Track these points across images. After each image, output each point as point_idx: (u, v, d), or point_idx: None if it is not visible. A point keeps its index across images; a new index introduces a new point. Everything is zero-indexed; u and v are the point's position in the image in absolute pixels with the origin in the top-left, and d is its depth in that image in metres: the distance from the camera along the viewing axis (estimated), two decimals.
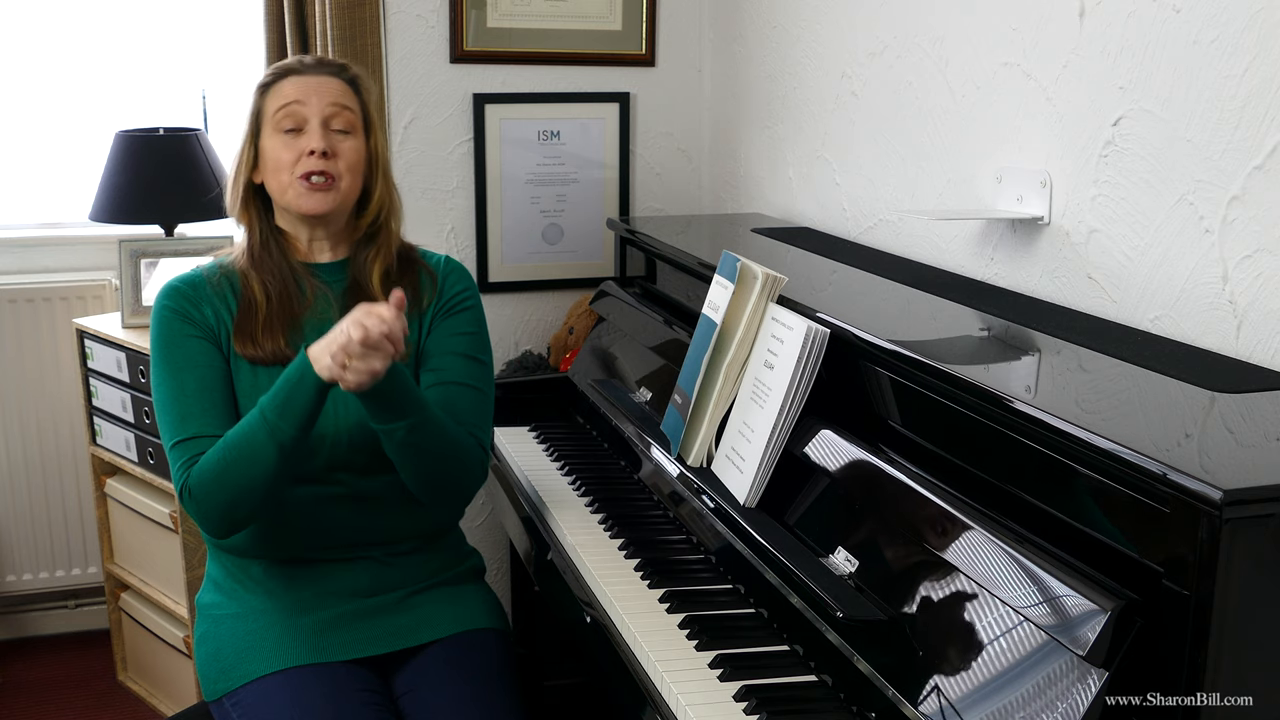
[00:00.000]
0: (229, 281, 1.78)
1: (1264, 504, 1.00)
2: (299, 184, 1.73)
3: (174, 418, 1.69)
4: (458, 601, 1.82)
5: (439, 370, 1.80)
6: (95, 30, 3.03)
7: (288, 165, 1.74)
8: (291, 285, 1.77)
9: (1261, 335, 1.41)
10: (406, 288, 1.78)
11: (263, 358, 1.73)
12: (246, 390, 1.73)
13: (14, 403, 2.96)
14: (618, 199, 2.91)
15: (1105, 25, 1.63)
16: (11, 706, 2.81)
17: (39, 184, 3.05)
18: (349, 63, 1.86)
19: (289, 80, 1.77)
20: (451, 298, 1.85)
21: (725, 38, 2.82)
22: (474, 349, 1.83)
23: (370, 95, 1.82)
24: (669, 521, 1.90)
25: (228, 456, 1.62)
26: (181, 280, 1.78)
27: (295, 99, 1.74)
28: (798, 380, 1.58)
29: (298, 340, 1.74)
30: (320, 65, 1.80)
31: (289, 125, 1.74)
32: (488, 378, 1.84)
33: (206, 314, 1.74)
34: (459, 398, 1.78)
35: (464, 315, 1.84)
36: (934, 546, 1.31)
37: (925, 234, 2.08)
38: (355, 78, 1.81)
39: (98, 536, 2.88)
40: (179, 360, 1.71)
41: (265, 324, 1.74)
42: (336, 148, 1.75)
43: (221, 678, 1.71)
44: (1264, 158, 1.40)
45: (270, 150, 1.75)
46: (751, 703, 1.36)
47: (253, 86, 1.80)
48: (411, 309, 1.79)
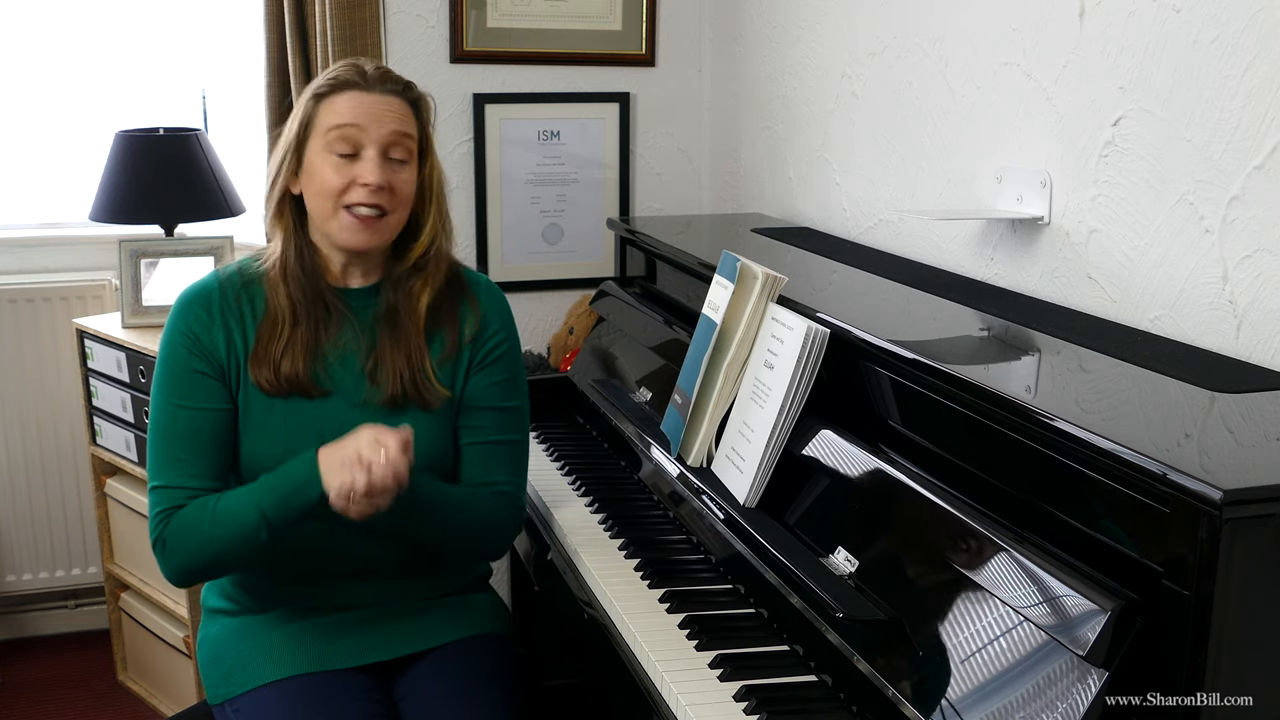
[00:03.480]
0: (249, 294, 1.68)
1: (1264, 504, 1.00)
2: (344, 215, 1.62)
3: (159, 457, 1.64)
4: (462, 608, 1.80)
5: (475, 429, 1.74)
6: (95, 30, 3.03)
7: (334, 192, 1.61)
8: (317, 307, 1.67)
9: (1261, 335, 1.41)
10: (448, 323, 1.72)
11: (278, 386, 1.64)
12: (258, 418, 1.65)
13: (14, 403, 2.96)
14: (618, 199, 2.91)
15: (1105, 25, 1.63)
16: (11, 706, 2.81)
17: (39, 184, 3.05)
18: (412, 82, 1.71)
19: (349, 95, 1.63)
20: (490, 349, 1.75)
21: (725, 38, 2.82)
22: (509, 396, 1.76)
23: (430, 118, 1.71)
24: (669, 521, 1.90)
25: (214, 531, 1.57)
26: (196, 295, 1.68)
27: (353, 121, 1.61)
28: (798, 380, 1.58)
29: (318, 368, 1.66)
30: (384, 81, 1.66)
31: (343, 150, 1.61)
32: (522, 424, 1.79)
33: (218, 340, 1.65)
34: (494, 457, 1.74)
35: (500, 364, 1.76)
36: (934, 546, 1.31)
37: (925, 234, 2.08)
38: (418, 99, 1.69)
39: (98, 536, 2.88)
40: (177, 393, 1.64)
41: (288, 345, 1.64)
42: (392, 180, 1.63)
43: (224, 683, 1.69)
44: (1264, 158, 1.40)
45: (317, 169, 1.62)
46: (751, 703, 1.36)
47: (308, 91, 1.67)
48: (449, 349, 1.72)
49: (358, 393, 1.68)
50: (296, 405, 1.66)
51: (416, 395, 1.68)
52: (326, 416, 1.66)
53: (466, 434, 1.74)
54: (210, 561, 1.61)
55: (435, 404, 1.70)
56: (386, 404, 1.67)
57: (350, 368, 1.69)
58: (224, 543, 1.58)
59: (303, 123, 1.65)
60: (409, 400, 1.68)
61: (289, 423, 1.66)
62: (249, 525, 1.56)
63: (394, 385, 1.67)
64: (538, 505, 2.03)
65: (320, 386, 1.66)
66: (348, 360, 1.69)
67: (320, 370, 1.67)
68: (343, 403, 1.67)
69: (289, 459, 1.58)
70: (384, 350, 1.68)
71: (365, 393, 1.68)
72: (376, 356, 1.68)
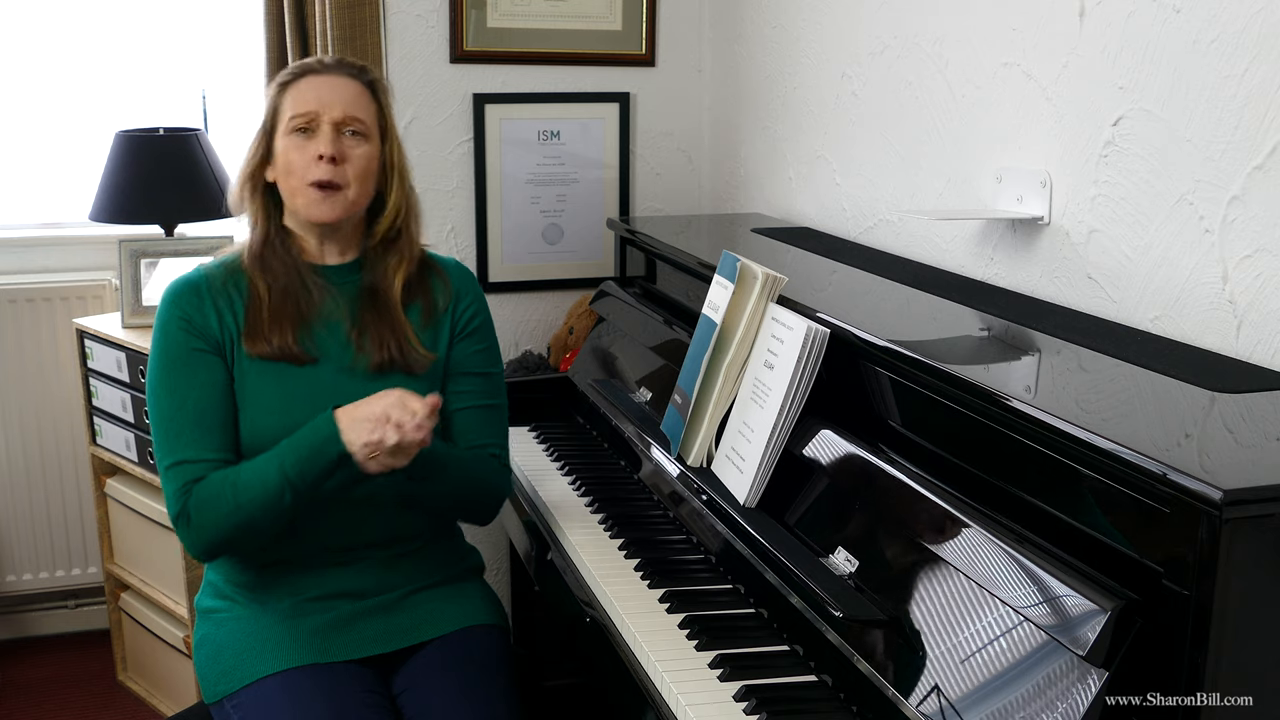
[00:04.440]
0: (234, 281, 1.76)
1: (1264, 504, 1.00)
2: (309, 191, 1.72)
3: (171, 436, 1.69)
4: (457, 599, 1.83)
5: (459, 394, 1.84)
6: (95, 30, 3.03)
7: (298, 170, 1.72)
8: (296, 284, 1.76)
9: (1261, 335, 1.41)
10: (421, 296, 1.82)
11: (271, 353, 1.72)
12: (253, 391, 1.72)
13: (14, 403, 2.96)
14: (618, 199, 2.91)
15: (1105, 25, 1.63)
16: (11, 706, 2.82)
17: (39, 184, 3.05)
18: (369, 65, 1.85)
19: (307, 79, 1.76)
20: (467, 321, 1.86)
21: (725, 38, 2.82)
22: (487, 364, 1.88)
23: (389, 99, 1.82)
24: (669, 521, 1.90)
25: (239, 499, 1.63)
26: (184, 283, 1.76)
27: (311, 102, 1.73)
28: (798, 380, 1.58)
29: (307, 338, 1.74)
30: (339, 65, 1.79)
31: (301, 125, 1.73)
32: (501, 388, 1.90)
33: (210, 320, 1.73)
34: (478, 420, 1.84)
35: (479, 333, 1.87)
36: (934, 546, 1.31)
37: (925, 234, 2.08)
38: (374, 81, 1.80)
39: (98, 536, 2.88)
40: (181, 374, 1.70)
41: (272, 319, 1.73)
42: (347, 153, 1.73)
43: (221, 680, 1.70)
44: (1264, 158, 1.40)
45: (282, 151, 1.74)
46: (751, 703, 1.36)
47: (275, 82, 1.79)
48: (426, 318, 1.82)
49: (345, 358, 1.76)
50: (287, 374, 1.73)
51: (402, 361, 1.77)
52: (319, 383, 1.74)
53: (455, 399, 1.84)
54: (236, 530, 1.65)
55: (420, 369, 1.79)
56: (374, 369, 1.76)
57: (337, 335, 1.77)
58: (250, 509, 1.63)
59: (270, 111, 1.78)
60: (395, 367, 1.77)
61: (283, 393, 1.72)
62: (272, 488, 1.62)
63: (380, 352, 1.76)
64: (538, 505, 2.03)
65: (309, 354, 1.74)
66: (334, 328, 1.77)
67: (308, 339, 1.75)
68: (331, 368, 1.75)
69: (287, 428, 1.66)
70: (367, 322, 1.78)
71: (353, 358, 1.76)
72: (360, 326, 1.77)
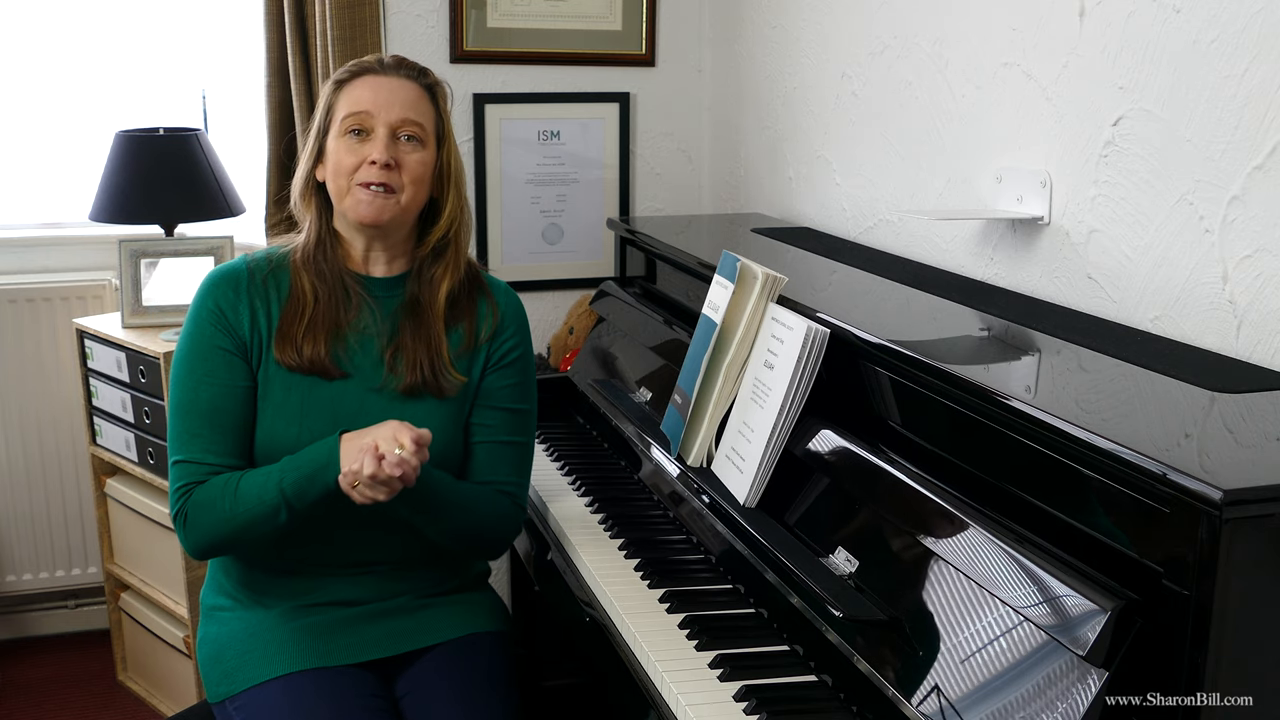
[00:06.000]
0: (275, 279, 1.73)
1: (1264, 504, 1.00)
2: (358, 190, 1.68)
3: (180, 433, 1.68)
4: (461, 605, 1.81)
5: (486, 428, 1.78)
6: (95, 30, 3.03)
7: (348, 171, 1.68)
8: (339, 292, 1.72)
9: (1261, 335, 1.41)
10: (466, 319, 1.77)
11: (300, 365, 1.68)
12: (275, 404, 1.69)
13: (14, 403, 2.96)
14: (618, 199, 2.91)
15: (1105, 25, 1.63)
16: (11, 706, 2.81)
17: (39, 184, 3.05)
18: (429, 69, 1.79)
19: (364, 79, 1.71)
20: (505, 352, 1.79)
21: (725, 38, 2.82)
22: (517, 399, 1.80)
23: (447, 105, 1.76)
24: (669, 521, 1.90)
25: (235, 510, 1.62)
26: (224, 274, 1.73)
27: (367, 103, 1.68)
28: (798, 380, 1.58)
29: (339, 349, 1.71)
30: (399, 66, 1.74)
31: (354, 125, 1.68)
32: (529, 426, 1.83)
33: (243, 317, 1.69)
34: (501, 457, 1.78)
35: (515, 366, 1.80)
36: (934, 546, 1.31)
37: (925, 234, 2.08)
38: (434, 84, 1.75)
39: (98, 536, 2.88)
40: (201, 368, 1.68)
41: (309, 326, 1.69)
42: (401, 159, 1.68)
43: (224, 680, 1.70)
44: (1264, 158, 1.40)
45: (333, 151, 1.70)
46: (751, 703, 1.36)
47: (331, 79, 1.75)
48: (466, 343, 1.77)
49: (375, 377, 1.72)
50: (315, 386, 1.69)
51: (434, 384, 1.72)
52: (343, 399, 1.70)
53: (478, 432, 1.78)
54: (230, 538, 1.65)
55: (451, 392, 1.73)
56: (404, 391, 1.71)
57: (369, 352, 1.73)
58: (245, 520, 1.62)
59: (324, 110, 1.73)
60: (426, 389, 1.72)
61: (306, 404, 1.69)
62: (270, 505, 1.61)
63: (413, 374, 1.71)
64: (538, 505, 2.03)
65: (340, 368, 1.70)
66: (367, 345, 1.73)
67: (340, 352, 1.71)
68: (360, 386, 1.71)
69: (304, 440, 1.64)
70: (404, 340, 1.73)
71: (383, 379, 1.72)
72: (397, 345, 1.73)
